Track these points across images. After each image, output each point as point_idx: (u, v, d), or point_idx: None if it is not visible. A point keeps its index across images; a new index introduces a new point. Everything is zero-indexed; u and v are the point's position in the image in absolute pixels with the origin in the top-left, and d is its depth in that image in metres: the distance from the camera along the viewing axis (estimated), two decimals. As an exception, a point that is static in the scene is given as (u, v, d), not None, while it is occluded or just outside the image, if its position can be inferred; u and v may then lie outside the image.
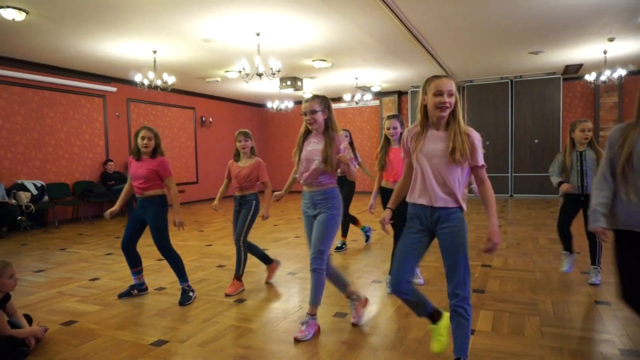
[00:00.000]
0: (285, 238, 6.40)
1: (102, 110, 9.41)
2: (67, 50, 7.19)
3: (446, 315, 2.47)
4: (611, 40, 7.39)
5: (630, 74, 9.59)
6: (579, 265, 4.38)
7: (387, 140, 3.92)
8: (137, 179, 3.70)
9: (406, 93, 12.47)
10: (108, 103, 9.52)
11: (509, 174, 11.18)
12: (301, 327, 2.90)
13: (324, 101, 2.94)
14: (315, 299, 2.93)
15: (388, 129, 3.86)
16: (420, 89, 2.28)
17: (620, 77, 8.41)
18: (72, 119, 8.78)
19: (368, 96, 10.81)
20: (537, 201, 10.02)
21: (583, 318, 3.10)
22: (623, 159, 2.08)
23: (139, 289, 3.92)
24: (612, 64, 8.71)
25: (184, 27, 6.16)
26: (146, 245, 4.83)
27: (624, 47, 7.86)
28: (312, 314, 2.95)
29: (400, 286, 2.30)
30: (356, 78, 10.15)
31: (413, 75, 10.25)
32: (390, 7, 5.49)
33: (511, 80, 10.98)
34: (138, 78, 7.48)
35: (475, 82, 11.31)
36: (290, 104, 10.94)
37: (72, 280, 4.40)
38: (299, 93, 11.85)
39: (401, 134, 3.75)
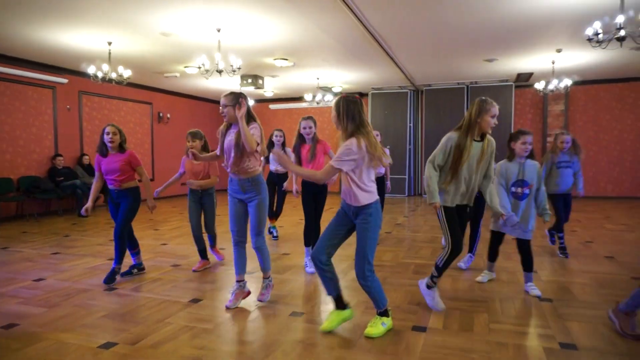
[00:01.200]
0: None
1: (52, 103, 8.96)
2: (14, 38, 6.80)
3: (349, 313, 2.99)
4: (559, 51, 7.80)
5: (575, 84, 10.18)
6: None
7: (301, 138, 4.49)
8: (113, 172, 4.05)
9: (367, 94, 12.64)
10: (58, 95, 9.08)
11: (464, 177, 11.55)
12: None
13: (235, 97, 3.23)
14: (265, 267, 3.57)
15: (304, 128, 4.43)
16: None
17: (566, 87, 8.89)
18: (18, 110, 8.31)
19: (329, 97, 10.88)
20: (489, 203, 10.41)
21: (528, 314, 3.25)
22: (457, 161, 3.13)
23: (139, 268, 4.37)
24: (559, 74, 9.20)
25: (141, 19, 5.97)
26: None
27: (570, 58, 8.32)
28: (266, 277, 3.61)
29: (320, 254, 2.86)
30: (317, 78, 10.20)
31: (373, 77, 10.41)
32: (351, 10, 5.55)
33: (467, 86, 11.37)
34: (91, 70, 7.18)
35: (433, 87, 11.62)
36: (251, 102, 10.84)
37: (14, 281, 4.17)
38: (260, 91, 11.77)
39: (315, 133, 4.53)
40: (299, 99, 12.70)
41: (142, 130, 11.38)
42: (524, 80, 10.75)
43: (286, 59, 8.35)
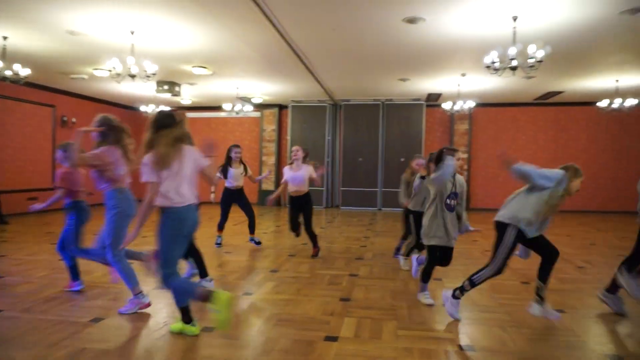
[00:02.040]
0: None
1: None
2: None
3: (193, 329, 3.06)
4: (463, 75, 8.50)
5: (478, 105, 11.13)
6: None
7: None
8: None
9: (287, 107, 12.74)
10: (-61, 92, 8.04)
11: (378, 189, 12.05)
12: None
13: (100, 120, 3.57)
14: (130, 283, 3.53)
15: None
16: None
17: (470, 108, 9.68)
18: None
19: (249, 107, 10.81)
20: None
21: (433, 320, 3.45)
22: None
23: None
24: (464, 96, 10.00)
25: (44, 15, 5.52)
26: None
27: (473, 82, 9.09)
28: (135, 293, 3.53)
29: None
30: (237, 88, 10.10)
31: (293, 90, 10.55)
32: (272, 23, 5.60)
33: (382, 103, 11.94)
34: (-19, 66, 6.47)
35: (351, 102, 12.04)
36: (167, 110, 10.42)
37: None
38: (177, 99, 11.36)
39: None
40: (218, 108, 12.45)
41: (43, 135, 10.41)
42: (433, 100, 11.53)
43: (205, 67, 8.17)
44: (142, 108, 10.29)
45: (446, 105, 9.92)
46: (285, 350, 2.83)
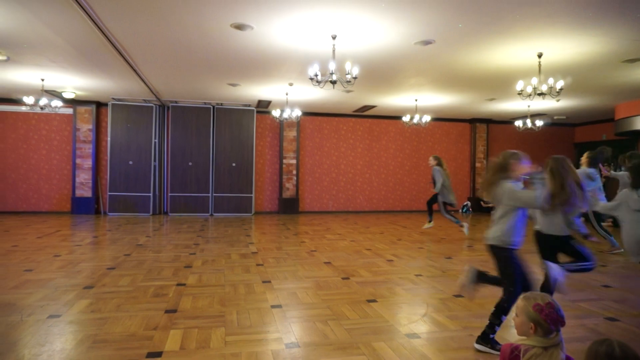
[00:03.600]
0: None
1: None
2: None
3: None
4: (291, 84, 8.92)
5: (304, 114, 11.85)
6: (262, 276, 4.99)
7: None
8: None
9: (106, 105, 11.54)
10: None
11: (210, 194, 11.80)
12: None
13: None
14: None
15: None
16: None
17: (297, 116, 10.20)
18: None
19: (57, 102, 9.42)
20: (234, 220, 10.92)
21: (261, 322, 3.52)
22: None
23: None
24: (292, 104, 10.50)
25: None
26: None
27: (300, 92, 9.61)
28: None
29: None
30: (42, 79, 8.72)
31: (114, 86, 9.60)
32: (84, 9, 4.99)
33: (213, 107, 11.74)
34: None
35: (180, 104, 11.52)
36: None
37: None
38: (-44, 86, 9.27)
39: None
40: (16, 101, 10.56)
41: None
42: (264, 106, 11.82)
43: (-3, 52, 6.85)
44: None
45: (275, 113, 10.28)
46: (100, 375, 2.54)
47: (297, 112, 10.00)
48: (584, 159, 6.56)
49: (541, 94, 6.63)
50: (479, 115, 13.13)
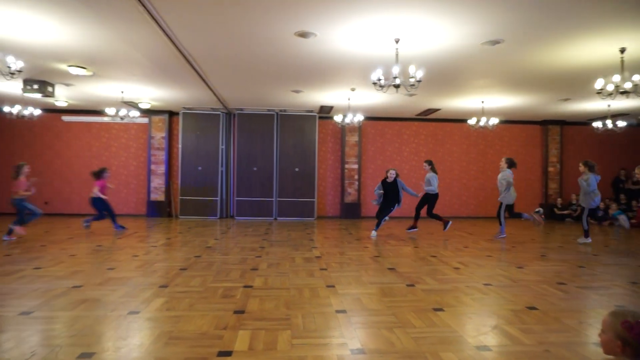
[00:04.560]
0: (20, 270, 5.32)
1: None
2: None
3: None
4: (353, 90, 8.94)
5: (366, 119, 11.82)
6: (326, 280, 5.03)
7: None
8: None
9: (177, 114, 12.22)
10: None
11: (274, 199, 12.09)
12: None
13: None
14: None
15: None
16: None
17: (359, 121, 10.20)
18: None
19: (135, 113, 10.13)
20: (297, 224, 11.10)
21: (325, 327, 3.54)
22: None
23: None
24: (354, 109, 10.52)
25: None
26: None
27: (362, 97, 9.61)
28: None
29: None
30: (122, 92, 9.42)
31: (185, 96, 10.16)
32: (160, 25, 5.34)
33: (277, 113, 12.04)
34: None
35: (245, 111, 11.95)
36: (37, 111, 9.34)
37: None
38: (50, 100, 10.25)
39: None
40: (100, 112, 11.49)
41: None
42: (326, 112, 11.94)
43: (84, 68, 7.49)
44: (6, 109, 9.06)
45: (337, 118, 10.34)
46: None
47: (359, 117, 10.00)
48: None
49: (624, 93, 6.14)
50: (551, 117, 12.41)
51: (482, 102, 10.03)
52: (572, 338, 3.34)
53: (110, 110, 9.83)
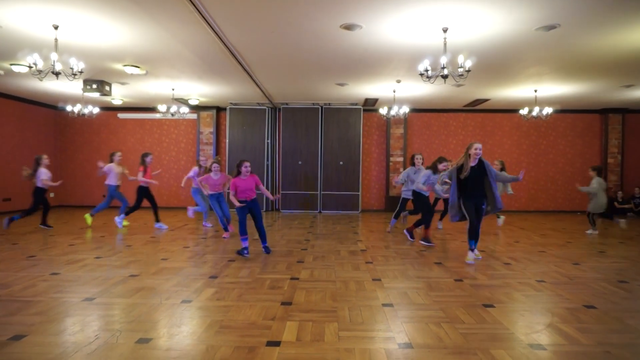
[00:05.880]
0: (83, 259, 5.67)
1: None
2: None
3: None
4: (398, 82, 8.80)
5: (412, 111, 11.60)
6: (372, 273, 5.01)
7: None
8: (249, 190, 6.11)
9: (225, 109, 12.51)
10: None
11: (318, 192, 12.16)
12: None
13: None
14: None
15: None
16: None
17: (405, 113, 10.04)
18: None
19: (185, 109, 10.47)
20: (342, 217, 11.12)
21: (372, 320, 3.53)
22: None
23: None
24: (399, 102, 10.36)
25: (-49, 4, 5.01)
26: None
27: (408, 88, 9.44)
28: None
29: None
30: (173, 89, 9.76)
31: (232, 92, 10.37)
32: (209, 23, 5.47)
33: (321, 107, 12.06)
34: None
35: (290, 105, 12.05)
36: (96, 110, 9.85)
37: None
38: (107, 98, 10.79)
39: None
40: (152, 109, 11.98)
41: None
42: (370, 104, 11.83)
43: (138, 67, 7.82)
44: (69, 108, 9.63)
45: (383, 110, 10.22)
46: (227, 358, 2.76)
47: (405, 109, 9.84)
48: None
49: (696, 77, 5.67)
50: (611, 105, 11.68)
51: (535, 90, 9.59)
52: (636, 340, 3.16)
53: (162, 107, 10.22)
